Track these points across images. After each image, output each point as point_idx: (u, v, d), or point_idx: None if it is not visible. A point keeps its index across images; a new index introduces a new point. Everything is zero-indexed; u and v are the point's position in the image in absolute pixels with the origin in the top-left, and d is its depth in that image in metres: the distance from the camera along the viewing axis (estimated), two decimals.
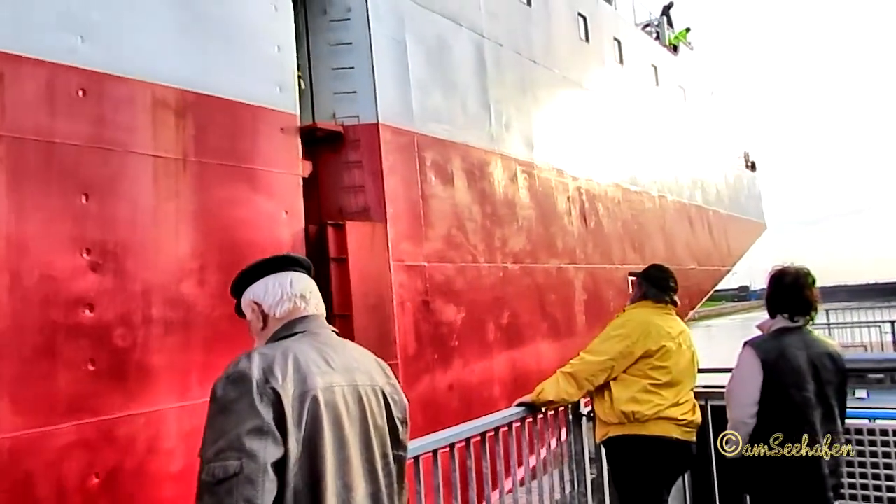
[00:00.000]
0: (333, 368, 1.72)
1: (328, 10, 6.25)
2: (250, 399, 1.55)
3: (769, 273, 3.10)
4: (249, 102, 5.34)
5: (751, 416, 2.87)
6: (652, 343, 3.44)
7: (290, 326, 1.79)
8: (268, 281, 1.84)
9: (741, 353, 2.97)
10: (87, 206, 4.28)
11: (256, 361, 1.61)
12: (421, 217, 6.65)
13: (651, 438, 3.40)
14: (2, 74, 3.97)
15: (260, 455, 1.51)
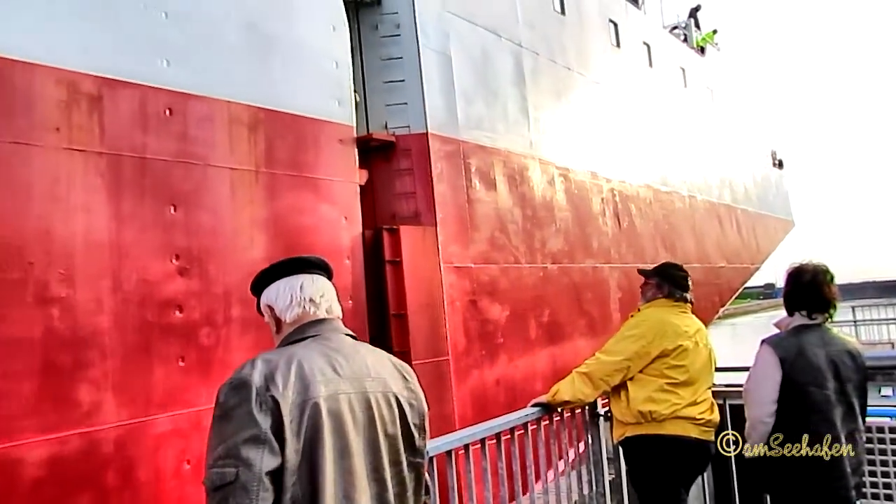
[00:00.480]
0: (340, 375, 1.70)
1: (379, 27, 6.62)
2: (249, 407, 1.55)
3: (787, 270, 3.06)
4: (311, 116, 5.72)
5: (769, 414, 2.84)
6: (668, 342, 3.41)
7: (301, 330, 1.78)
8: (280, 285, 1.83)
9: (759, 351, 2.94)
10: (175, 216, 4.69)
11: (259, 368, 1.61)
12: (467, 221, 7.00)
13: (668, 438, 3.38)
14: (101, 96, 4.38)
15: (256, 464, 1.51)
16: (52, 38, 4.17)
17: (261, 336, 5.11)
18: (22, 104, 4.00)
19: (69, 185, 4.17)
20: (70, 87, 4.21)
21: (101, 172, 4.33)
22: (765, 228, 17.24)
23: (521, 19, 8.44)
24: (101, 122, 4.35)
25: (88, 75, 4.32)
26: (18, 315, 3.88)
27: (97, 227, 4.28)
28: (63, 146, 4.15)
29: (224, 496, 1.50)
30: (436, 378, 6.29)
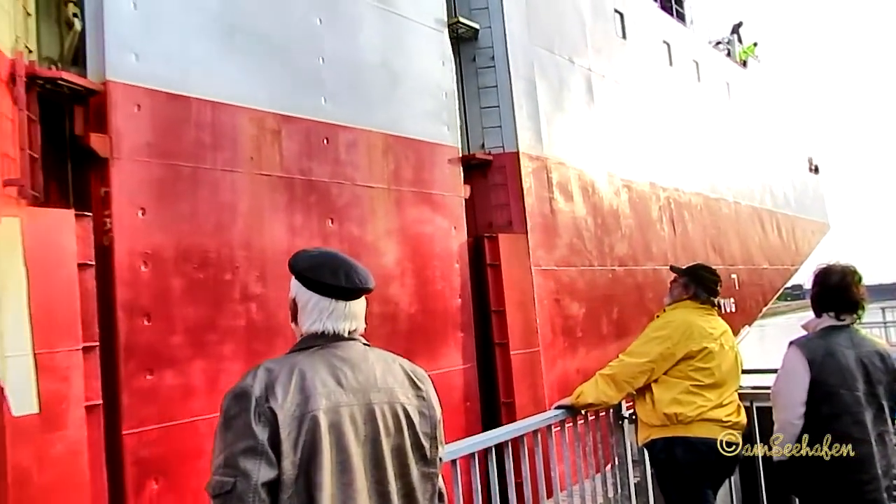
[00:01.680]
0: (343, 387, 1.68)
1: (476, 59, 7.54)
2: (248, 418, 1.56)
3: (814, 271, 3.04)
4: (428, 140, 6.65)
5: (798, 416, 2.82)
6: (694, 344, 3.39)
7: (313, 338, 1.75)
8: (317, 302, 1.77)
9: (787, 353, 2.91)
10: (332, 227, 5.65)
11: (260, 378, 1.61)
12: (551, 229, 7.90)
13: (695, 440, 3.34)
14: (280, 130, 5.35)
15: (252, 475, 1.52)
16: (248, 84, 5.14)
17: (395, 328, 6.07)
18: (228, 139, 4.97)
19: (260, 203, 5.14)
20: (259, 123, 5.19)
21: (281, 192, 5.30)
22: (802, 231, 17.91)
23: (590, 46, 9.32)
24: (280, 151, 5.32)
25: (271, 113, 5.29)
26: (231, 309, 4.85)
27: (279, 237, 5.24)
28: (255, 172, 5.12)
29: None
30: (529, 366, 7.20)
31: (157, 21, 4.63)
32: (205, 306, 4.69)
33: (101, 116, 4.28)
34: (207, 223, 4.76)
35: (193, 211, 4.69)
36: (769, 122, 16.77)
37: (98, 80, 4.29)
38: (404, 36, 6.55)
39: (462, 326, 6.73)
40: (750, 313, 13.45)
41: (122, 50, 4.40)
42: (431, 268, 6.50)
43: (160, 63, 4.60)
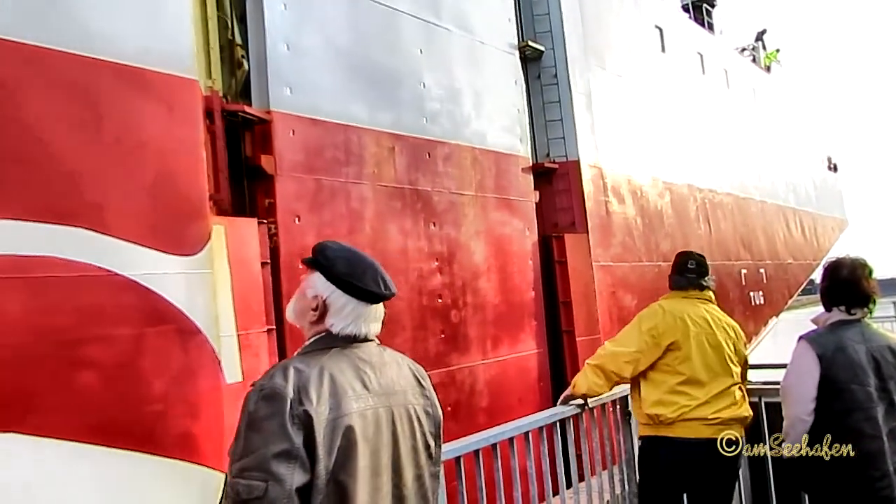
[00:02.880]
0: (369, 391, 1.70)
1: (541, 77, 8.41)
2: (282, 420, 1.52)
3: (825, 266, 3.01)
4: (505, 152, 7.53)
5: (808, 413, 2.79)
6: (680, 335, 3.36)
7: (332, 338, 1.76)
8: (350, 304, 1.78)
9: (796, 348, 2.87)
10: (434, 230, 6.53)
11: (292, 379, 1.59)
12: (607, 229, 8.77)
13: (676, 441, 3.33)
14: (393, 147, 6.23)
15: (287, 480, 1.49)
16: (369, 109, 6.03)
17: (484, 317, 6.95)
18: (356, 156, 5.86)
19: (381, 210, 6.03)
20: (378, 142, 6.08)
21: (396, 200, 6.19)
22: (823, 227, 18.70)
23: (634, 61, 10.17)
24: (394, 165, 6.21)
25: (387, 133, 6.17)
26: None
27: (395, 238, 6.14)
28: (376, 183, 6.01)
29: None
30: (592, 350, 8.04)
31: (303, 59, 5.52)
32: None
33: (266, 140, 5.18)
34: (343, 227, 5.66)
35: (333, 217, 5.59)
36: (791, 123, 17.57)
37: (264, 109, 5.19)
38: (484, 60, 7.43)
39: (535, 316, 7.61)
40: (777, 305, 14.28)
41: (280, 84, 5.29)
42: (510, 264, 7.38)
43: (306, 94, 5.49)
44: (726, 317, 3.60)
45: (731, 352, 3.46)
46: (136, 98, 4.16)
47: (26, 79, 3.72)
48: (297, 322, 1.86)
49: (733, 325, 3.61)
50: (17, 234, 3.59)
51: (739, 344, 3.58)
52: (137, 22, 4.24)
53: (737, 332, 3.62)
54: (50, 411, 3.59)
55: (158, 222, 4.15)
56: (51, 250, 3.71)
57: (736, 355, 3.50)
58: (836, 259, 2.99)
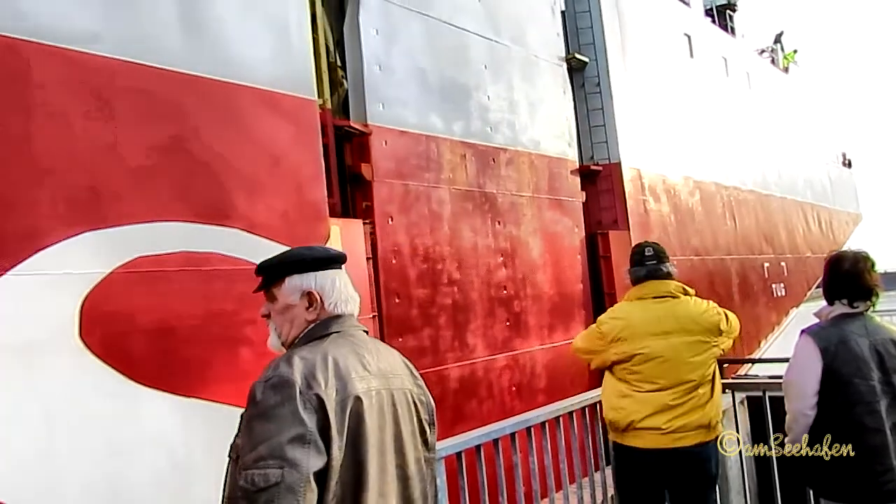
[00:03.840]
0: (370, 373, 1.72)
1: (585, 86, 9.11)
2: (293, 406, 1.53)
3: (826, 259, 2.97)
4: (556, 156, 8.24)
5: (811, 407, 2.76)
6: (627, 346, 3.29)
7: (325, 325, 1.78)
8: (335, 277, 1.83)
9: (798, 341, 2.85)
10: (499, 228, 7.25)
11: (298, 366, 1.59)
12: (646, 225, 9.47)
13: (629, 449, 3.29)
14: (465, 154, 6.95)
15: (303, 464, 1.50)
16: (444, 120, 6.75)
17: (541, 307, 7.67)
18: (435, 162, 6.59)
19: (455, 211, 6.75)
20: (452, 149, 6.80)
21: (467, 202, 6.91)
22: (838, 222, 19.32)
23: (667, 67, 10.86)
24: (466, 170, 6.93)
25: (459, 141, 6.89)
26: (442, 291, 6.48)
27: (468, 236, 6.86)
28: (451, 187, 6.74)
29: (269, 498, 1.47)
30: None
31: (392, 77, 6.24)
32: (427, 288, 6.33)
33: (364, 150, 5.91)
34: (426, 227, 6.39)
35: (417, 218, 6.32)
36: (808, 121, 18.19)
37: (361, 123, 5.92)
38: (538, 72, 8.14)
39: (584, 305, 8.32)
40: (797, 297, 14.94)
41: (375, 101, 6.02)
42: (562, 259, 8.10)
43: (395, 108, 6.22)
44: (697, 308, 3.34)
45: (694, 353, 3.24)
46: (271, 117, 4.91)
47: (194, 104, 4.47)
48: (288, 340, 1.84)
49: (701, 320, 3.30)
50: (189, 234, 4.34)
51: (709, 338, 3.29)
52: (270, 52, 4.98)
53: (707, 325, 3.30)
54: (219, 381, 4.34)
55: (291, 223, 4.90)
56: (214, 247, 4.46)
57: (702, 354, 3.26)
58: (837, 252, 2.95)
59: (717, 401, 3.34)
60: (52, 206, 3.74)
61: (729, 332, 3.42)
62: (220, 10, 4.73)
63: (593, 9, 9.18)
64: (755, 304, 12.77)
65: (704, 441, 3.25)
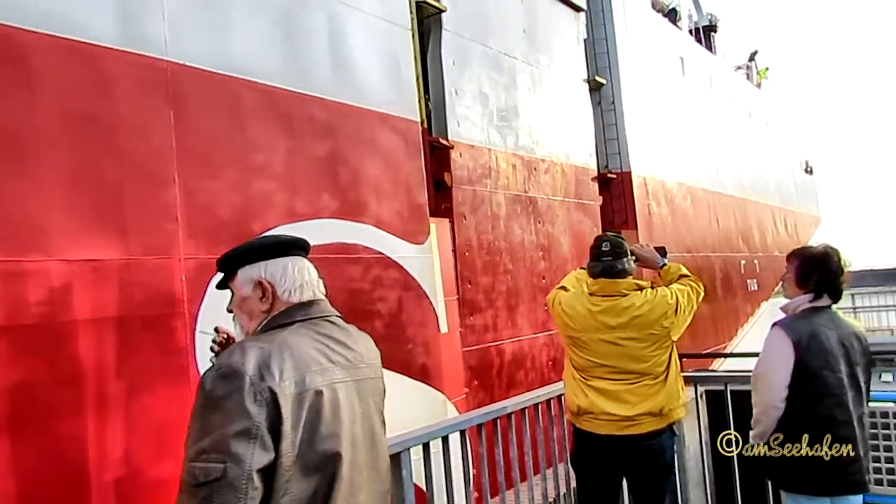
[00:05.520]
0: (334, 363, 1.67)
1: (601, 103, 10.47)
2: (240, 397, 1.47)
3: (793, 252, 3.02)
4: (581, 165, 9.57)
5: (781, 399, 2.77)
6: (571, 331, 3.35)
7: (289, 313, 1.73)
8: (287, 264, 1.78)
9: (770, 334, 2.86)
10: (540, 227, 8.55)
11: (252, 356, 1.54)
12: (649, 225, 10.88)
13: (583, 433, 3.31)
14: (515, 164, 8.22)
15: (246, 460, 1.44)
16: (500, 137, 8.01)
17: None
18: (493, 171, 7.84)
19: (509, 212, 8.02)
20: (507, 160, 8.06)
21: (516, 204, 8.19)
22: (802, 224, 21.15)
23: (666, 86, 12.30)
24: (516, 177, 8.20)
25: (512, 153, 8.16)
26: (499, 279, 7.74)
27: (517, 234, 8.13)
28: (504, 191, 8.00)
29: (209, 493, 1.42)
30: None
31: (463, 100, 7.48)
32: (490, 277, 7.59)
33: (446, 161, 7.13)
34: (489, 225, 7.64)
35: (482, 218, 7.57)
36: (776, 131, 19.93)
37: (443, 138, 7.14)
38: (569, 93, 9.46)
39: None
40: (767, 291, 16.60)
41: (453, 120, 7.25)
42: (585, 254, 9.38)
43: (466, 126, 7.46)
44: (647, 302, 3.22)
45: (643, 346, 3.19)
46: (389, 135, 6.11)
47: (339, 125, 5.65)
48: (249, 334, 1.79)
49: (650, 314, 3.19)
50: (339, 228, 5.52)
51: (658, 329, 3.19)
52: (387, 82, 6.18)
53: (655, 317, 3.19)
54: None
55: (404, 221, 6.11)
56: (355, 239, 5.65)
57: (652, 345, 3.19)
58: (805, 247, 3.04)
59: (672, 389, 3.24)
60: (262, 205, 4.90)
61: (675, 322, 3.25)
62: (352, 48, 5.90)
63: (609, 37, 10.55)
64: (734, 297, 14.34)
65: (657, 429, 3.20)
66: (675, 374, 3.31)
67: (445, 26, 7.32)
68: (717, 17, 17.46)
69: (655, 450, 3.25)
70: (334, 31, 5.72)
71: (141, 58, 4.29)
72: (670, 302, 3.25)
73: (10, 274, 3.56)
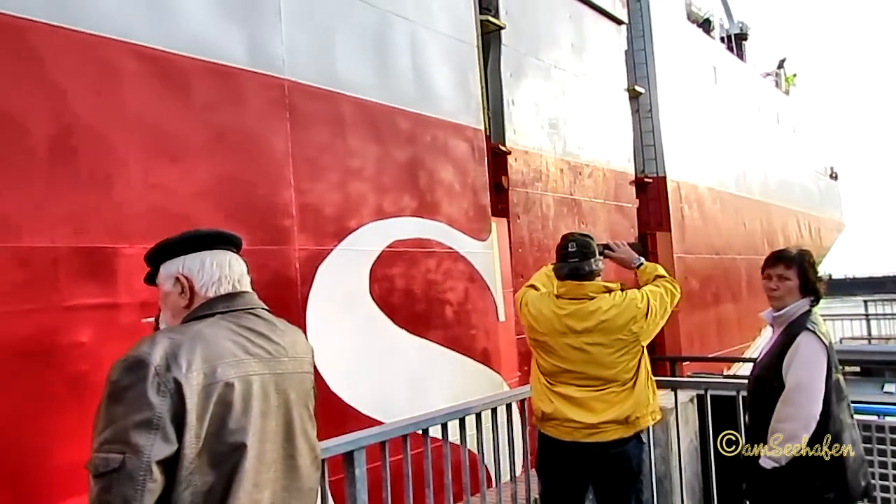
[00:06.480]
0: (251, 355, 1.65)
1: (639, 111, 11.11)
2: (143, 388, 1.46)
3: (788, 258, 2.96)
4: (620, 170, 10.23)
5: (820, 409, 2.69)
6: (537, 334, 3.24)
7: (210, 305, 1.71)
8: (205, 258, 1.75)
9: (805, 342, 2.73)
10: (583, 227, 9.21)
11: (160, 346, 1.52)
12: (681, 228, 11.52)
13: (548, 438, 3.22)
14: (562, 169, 8.90)
15: (145, 451, 1.42)
16: (550, 142, 8.69)
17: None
18: (543, 175, 8.52)
19: (556, 213, 8.70)
20: (556, 165, 8.75)
21: (563, 206, 8.87)
22: (826, 229, 21.63)
23: (697, 90, 12.92)
24: (563, 181, 8.88)
25: (560, 158, 8.84)
26: None
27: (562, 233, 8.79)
28: (553, 194, 8.69)
29: (107, 484, 1.41)
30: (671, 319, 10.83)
31: (518, 109, 8.17)
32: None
33: (503, 166, 7.83)
34: (539, 225, 8.34)
35: (533, 218, 8.27)
36: (803, 137, 20.42)
37: (500, 144, 7.84)
38: (611, 101, 10.12)
39: None
40: None
41: (510, 128, 7.94)
42: None
43: (521, 133, 8.15)
44: (614, 306, 3.14)
45: (610, 351, 3.09)
46: (459, 142, 6.82)
47: (420, 134, 6.36)
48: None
49: (617, 318, 3.10)
50: (418, 225, 6.24)
51: (626, 335, 3.10)
52: (457, 94, 6.88)
53: (621, 322, 3.10)
54: (431, 327, 6.26)
55: (470, 219, 6.82)
56: (431, 235, 6.37)
57: (619, 351, 3.10)
58: (805, 250, 3.02)
59: (640, 396, 3.13)
60: (357, 204, 5.63)
61: (645, 327, 3.18)
62: (429, 64, 6.61)
63: (647, 49, 11.19)
64: (758, 298, 14.88)
65: (623, 437, 3.11)
66: (644, 381, 3.19)
67: (504, 42, 8.01)
68: (747, 25, 18.01)
69: (621, 458, 3.14)
70: (415, 49, 6.44)
71: (266, 77, 5.04)
72: (640, 306, 3.17)
73: None
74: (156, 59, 4.39)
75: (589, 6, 9.71)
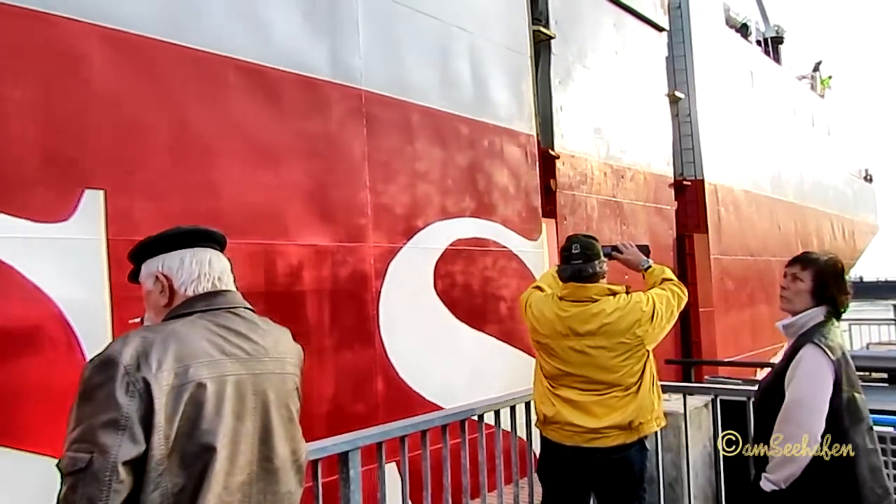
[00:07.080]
0: (227, 355, 1.62)
1: (678, 116, 11.41)
2: (112, 388, 1.45)
3: (807, 261, 2.73)
4: (660, 174, 10.56)
5: (822, 429, 2.47)
6: (539, 336, 3.21)
7: (189, 304, 1.69)
8: (184, 255, 1.73)
9: (807, 354, 2.53)
10: (625, 228, 9.56)
11: (131, 345, 1.51)
12: (718, 230, 11.81)
13: (549, 442, 3.20)
14: (605, 172, 9.25)
15: (112, 451, 1.41)
16: (595, 146, 9.05)
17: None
18: (588, 178, 8.89)
19: (600, 214, 9.06)
20: (600, 168, 9.11)
21: (606, 207, 9.23)
22: (859, 232, 21.67)
23: (735, 95, 13.18)
24: (606, 184, 9.24)
25: (603, 162, 9.20)
26: None
27: (606, 235, 9.16)
28: (597, 196, 9.05)
29: (73, 483, 1.41)
30: (708, 318, 11.16)
31: (566, 115, 8.54)
32: None
33: (552, 169, 8.22)
34: (583, 226, 8.69)
35: (579, 219, 8.64)
36: (838, 139, 20.50)
37: (551, 148, 8.23)
38: (652, 106, 10.45)
39: None
40: None
41: (559, 133, 8.32)
42: (661, 254, 10.40)
43: (568, 138, 8.53)
44: (618, 309, 3.08)
45: (613, 355, 3.05)
46: (513, 146, 7.23)
47: (478, 140, 6.77)
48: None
49: (620, 322, 3.05)
50: (477, 225, 6.66)
51: (630, 338, 3.05)
52: (512, 101, 7.28)
53: (625, 326, 3.05)
54: (488, 321, 6.68)
55: (523, 220, 7.23)
56: (487, 235, 6.78)
57: (622, 355, 3.05)
58: (832, 257, 2.75)
59: (644, 402, 3.08)
60: (424, 205, 6.06)
61: (650, 331, 3.11)
62: (486, 73, 7.02)
63: (687, 55, 11.48)
64: None
65: (625, 443, 3.05)
66: (648, 386, 3.12)
67: (553, 51, 8.39)
68: (783, 28, 18.15)
69: (623, 464, 3.08)
70: (473, 59, 6.85)
71: (346, 87, 5.49)
72: (644, 309, 3.11)
73: (264, 253, 4.79)
74: (253, 72, 4.86)
75: (632, 14, 10.05)
